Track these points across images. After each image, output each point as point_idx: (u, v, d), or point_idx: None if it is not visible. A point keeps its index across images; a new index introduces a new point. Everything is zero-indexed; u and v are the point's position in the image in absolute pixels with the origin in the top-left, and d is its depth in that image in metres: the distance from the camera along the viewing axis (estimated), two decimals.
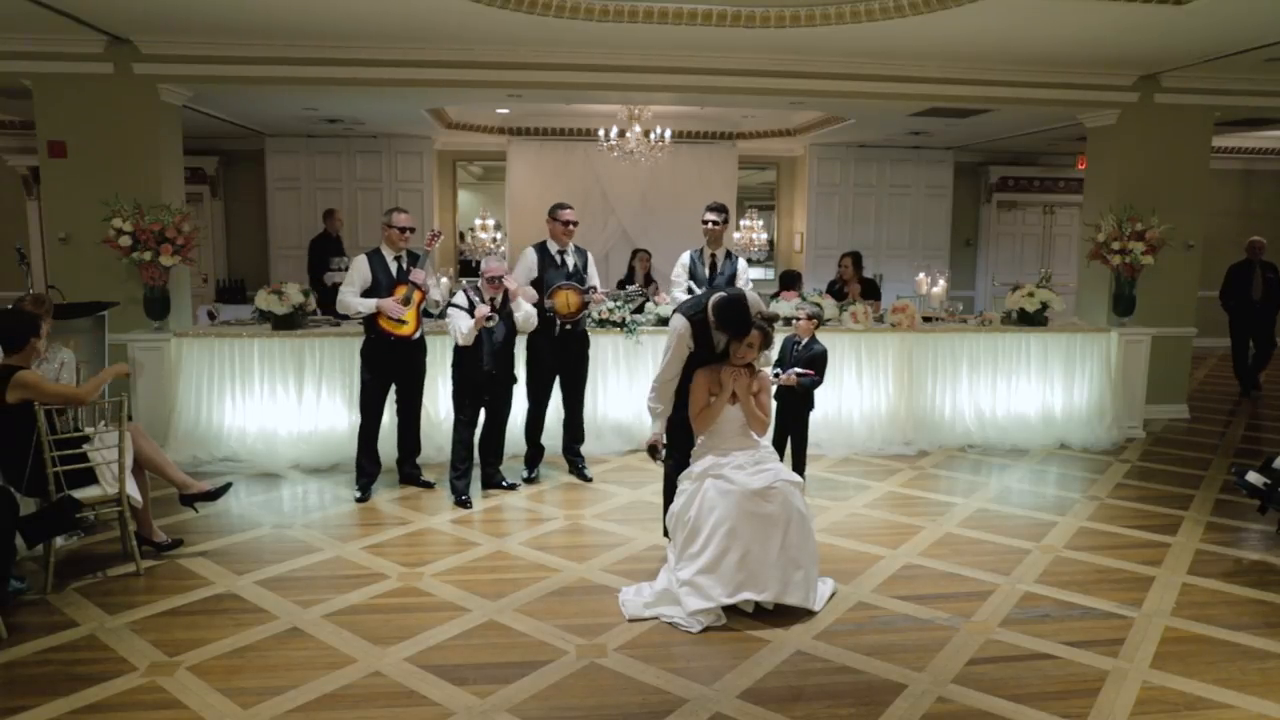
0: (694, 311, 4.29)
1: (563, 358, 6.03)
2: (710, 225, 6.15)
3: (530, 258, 5.99)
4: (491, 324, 5.46)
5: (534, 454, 6.21)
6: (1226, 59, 6.87)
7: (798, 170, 12.21)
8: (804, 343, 5.82)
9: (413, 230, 5.72)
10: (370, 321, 5.63)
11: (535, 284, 5.91)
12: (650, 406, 4.46)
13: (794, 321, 5.94)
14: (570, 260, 6.01)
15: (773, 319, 4.32)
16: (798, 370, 5.63)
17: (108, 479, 4.42)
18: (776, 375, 5.61)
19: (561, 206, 5.99)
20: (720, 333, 4.21)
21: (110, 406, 4.77)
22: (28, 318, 4.44)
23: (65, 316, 5.71)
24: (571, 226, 5.98)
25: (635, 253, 9.56)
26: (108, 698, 3.30)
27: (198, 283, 9.59)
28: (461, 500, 5.59)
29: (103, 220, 6.26)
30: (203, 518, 5.30)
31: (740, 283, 6.09)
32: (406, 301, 5.60)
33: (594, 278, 6.13)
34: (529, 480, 6.10)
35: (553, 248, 6.01)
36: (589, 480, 6.11)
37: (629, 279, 9.02)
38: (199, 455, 6.29)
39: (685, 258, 6.34)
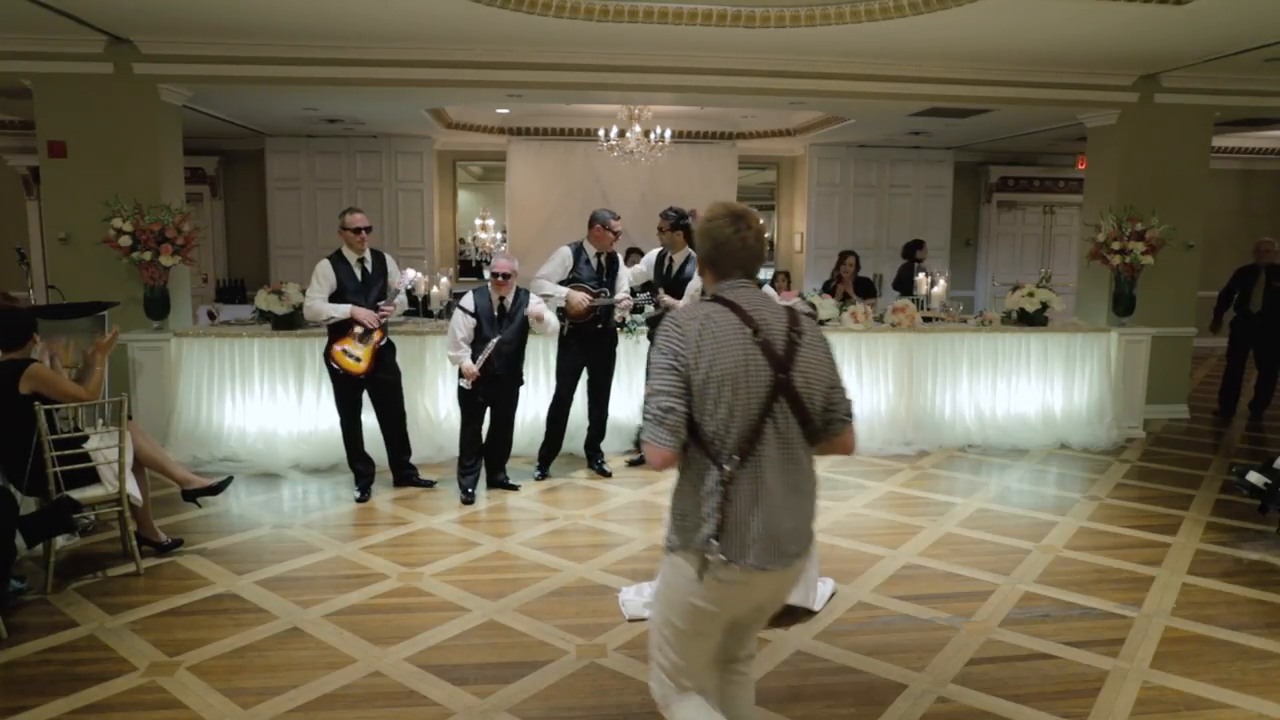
0: None
1: (592, 354, 6.07)
2: (657, 231, 6.25)
3: (565, 255, 6.02)
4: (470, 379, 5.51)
5: (548, 450, 6.20)
6: (1226, 59, 6.87)
7: (798, 170, 12.21)
8: None
9: (369, 230, 5.62)
10: (329, 343, 5.56)
11: (565, 281, 5.97)
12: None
13: None
14: (602, 264, 6.04)
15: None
16: None
17: (108, 478, 4.42)
18: None
19: (614, 216, 6.05)
20: None
21: (110, 406, 4.77)
22: (26, 316, 4.44)
23: (65, 316, 5.72)
24: (618, 236, 6.10)
25: (629, 252, 9.56)
26: (108, 698, 3.30)
27: (198, 283, 9.60)
28: (466, 496, 5.62)
29: (103, 220, 6.26)
30: (203, 517, 5.31)
31: (692, 284, 6.01)
32: (364, 338, 5.50)
33: (622, 282, 6.15)
34: (540, 479, 6.10)
35: (590, 250, 6.03)
36: (609, 475, 6.19)
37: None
38: (199, 455, 6.29)
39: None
